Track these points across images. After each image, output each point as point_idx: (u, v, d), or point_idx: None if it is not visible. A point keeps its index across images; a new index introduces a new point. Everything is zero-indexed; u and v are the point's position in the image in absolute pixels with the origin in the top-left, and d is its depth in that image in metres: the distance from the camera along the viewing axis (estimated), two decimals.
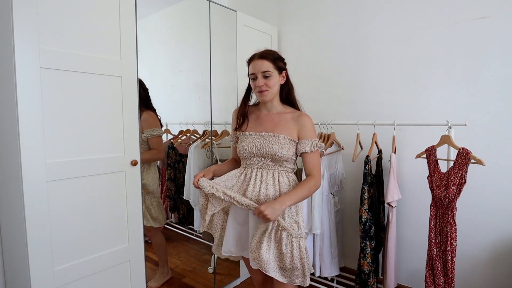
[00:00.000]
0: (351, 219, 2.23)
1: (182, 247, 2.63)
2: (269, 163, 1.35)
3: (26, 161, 1.18)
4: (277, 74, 1.36)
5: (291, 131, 1.35)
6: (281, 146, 1.33)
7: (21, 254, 1.24)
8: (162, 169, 2.59)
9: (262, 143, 1.34)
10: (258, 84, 1.33)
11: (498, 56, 1.71)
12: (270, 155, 1.33)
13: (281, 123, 1.38)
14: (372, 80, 2.13)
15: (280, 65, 1.37)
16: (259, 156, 1.35)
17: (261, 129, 1.39)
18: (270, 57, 1.34)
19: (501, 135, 1.73)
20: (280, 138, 1.34)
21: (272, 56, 1.35)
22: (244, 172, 1.39)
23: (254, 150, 1.35)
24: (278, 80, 1.37)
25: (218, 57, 2.11)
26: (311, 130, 1.36)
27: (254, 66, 1.35)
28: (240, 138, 1.43)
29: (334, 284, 2.10)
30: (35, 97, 1.19)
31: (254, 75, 1.35)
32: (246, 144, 1.37)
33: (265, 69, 1.32)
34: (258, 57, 1.34)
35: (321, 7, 2.34)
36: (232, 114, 1.51)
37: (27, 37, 1.16)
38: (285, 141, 1.34)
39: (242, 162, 1.43)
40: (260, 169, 1.36)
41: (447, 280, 1.54)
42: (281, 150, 1.32)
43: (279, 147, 1.32)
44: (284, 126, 1.37)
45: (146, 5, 2.16)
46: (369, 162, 1.74)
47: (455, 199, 1.50)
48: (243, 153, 1.38)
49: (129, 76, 1.49)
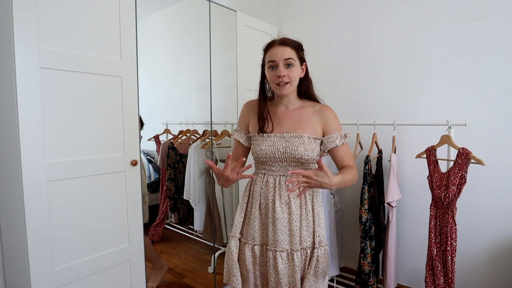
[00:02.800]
0: (351, 219, 2.23)
1: (182, 247, 2.64)
2: (293, 168, 1.20)
3: (26, 161, 1.18)
4: (299, 65, 1.19)
5: (315, 128, 1.20)
6: (307, 147, 1.17)
7: (21, 254, 1.24)
8: (162, 169, 2.60)
9: (285, 146, 1.17)
10: (279, 74, 1.13)
11: (498, 56, 1.71)
12: (296, 158, 1.17)
13: (303, 120, 1.21)
14: (372, 80, 2.13)
15: (302, 55, 1.21)
16: (282, 161, 1.19)
17: (281, 129, 1.21)
18: (293, 44, 1.17)
19: (501, 135, 1.73)
20: (304, 139, 1.18)
21: (295, 43, 1.19)
22: (265, 180, 1.23)
23: (277, 155, 1.17)
24: (299, 72, 1.20)
25: (218, 57, 2.11)
26: (337, 121, 1.22)
27: (275, 53, 1.15)
28: (256, 140, 1.24)
29: (334, 284, 2.10)
30: (35, 97, 1.19)
31: (275, 62, 1.15)
32: (266, 148, 1.19)
33: (288, 56, 1.14)
34: (279, 43, 1.16)
35: (321, 7, 2.34)
36: (242, 108, 1.33)
37: (27, 37, 1.16)
38: (310, 141, 1.18)
39: (259, 166, 1.26)
40: (284, 177, 1.20)
41: (447, 280, 1.53)
42: (307, 152, 1.17)
43: (305, 149, 1.16)
44: (306, 123, 1.20)
45: (146, 5, 2.16)
46: (369, 162, 1.74)
47: (455, 199, 1.50)
48: (262, 158, 1.20)
49: (129, 76, 1.49)
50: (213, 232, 2.37)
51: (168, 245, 2.63)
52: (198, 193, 2.46)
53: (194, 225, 2.57)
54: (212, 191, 2.40)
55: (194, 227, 2.63)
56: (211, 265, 2.33)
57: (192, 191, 2.43)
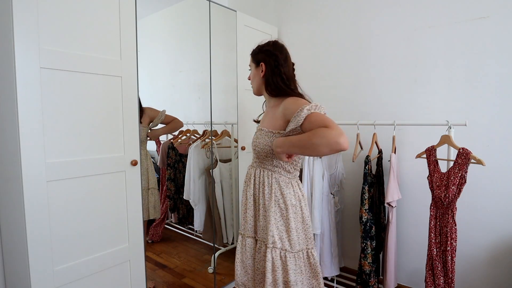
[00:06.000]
0: (351, 219, 2.23)
1: (182, 247, 2.63)
2: (257, 160, 1.34)
3: (26, 161, 1.18)
4: (254, 67, 1.34)
5: (274, 121, 1.24)
6: (259, 140, 1.27)
7: (21, 254, 1.24)
8: (162, 169, 2.59)
9: (253, 139, 1.35)
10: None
11: (498, 56, 1.71)
12: (254, 150, 1.32)
13: (268, 115, 1.31)
14: (372, 80, 2.13)
15: (258, 57, 1.31)
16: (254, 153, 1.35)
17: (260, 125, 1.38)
18: (252, 52, 1.37)
19: (501, 135, 1.73)
20: (262, 132, 1.28)
21: (254, 50, 1.36)
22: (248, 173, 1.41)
23: (252, 147, 1.35)
24: (257, 73, 1.33)
25: (218, 57, 2.11)
26: (295, 103, 1.16)
27: None
28: None
29: (334, 284, 2.10)
30: (35, 97, 1.19)
31: None
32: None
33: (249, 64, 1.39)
34: None
35: (321, 7, 2.34)
36: None
37: (27, 37, 1.16)
38: (264, 134, 1.26)
39: None
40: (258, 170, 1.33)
41: (447, 280, 1.53)
42: (259, 144, 1.27)
43: (258, 142, 1.28)
44: (270, 118, 1.28)
45: (146, 5, 2.16)
46: (369, 162, 1.74)
47: (455, 199, 1.50)
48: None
49: (129, 76, 1.49)
50: (213, 232, 2.37)
51: (168, 245, 2.63)
52: (198, 193, 2.46)
53: (194, 225, 2.57)
54: (212, 191, 2.40)
55: (194, 227, 2.63)
56: (211, 265, 2.33)
57: (192, 191, 2.43)
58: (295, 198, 1.27)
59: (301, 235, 1.27)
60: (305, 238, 1.28)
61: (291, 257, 1.24)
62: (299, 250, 1.26)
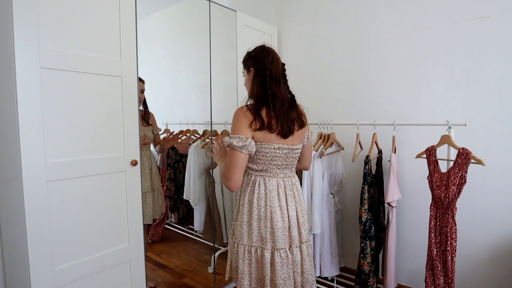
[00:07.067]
0: (351, 219, 2.23)
1: (182, 247, 2.64)
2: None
3: (26, 161, 1.18)
4: (246, 73, 1.34)
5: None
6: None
7: (21, 254, 1.24)
8: (162, 169, 2.60)
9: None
10: None
11: (498, 56, 1.71)
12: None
13: None
14: (372, 80, 2.13)
15: (247, 63, 1.33)
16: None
17: None
18: (243, 60, 1.36)
19: (501, 135, 1.73)
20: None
21: (244, 57, 1.35)
22: None
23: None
24: (249, 79, 1.32)
25: (218, 57, 2.11)
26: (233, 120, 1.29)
27: None
28: None
29: (334, 284, 2.10)
30: (35, 97, 1.19)
31: None
32: None
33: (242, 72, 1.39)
34: None
35: (321, 7, 2.34)
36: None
37: (27, 37, 1.16)
38: None
39: None
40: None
41: (447, 280, 1.53)
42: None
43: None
44: None
45: (146, 5, 2.16)
46: (369, 162, 1.74)
47: (455, 199, 1.50)
48: None
49: (129, 76, 1.49)
50: (213, 232, 2.37)
51: (168, 245, 2.63)
52: (198, 193, 2.46)
53: (194, 225, 2.57)
54: (212, 191, 2.40)
55: (194, 227, 2.63)
56: (211, 265, 2.33)
57: (192, 191, 2.43)
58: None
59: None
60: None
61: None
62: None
